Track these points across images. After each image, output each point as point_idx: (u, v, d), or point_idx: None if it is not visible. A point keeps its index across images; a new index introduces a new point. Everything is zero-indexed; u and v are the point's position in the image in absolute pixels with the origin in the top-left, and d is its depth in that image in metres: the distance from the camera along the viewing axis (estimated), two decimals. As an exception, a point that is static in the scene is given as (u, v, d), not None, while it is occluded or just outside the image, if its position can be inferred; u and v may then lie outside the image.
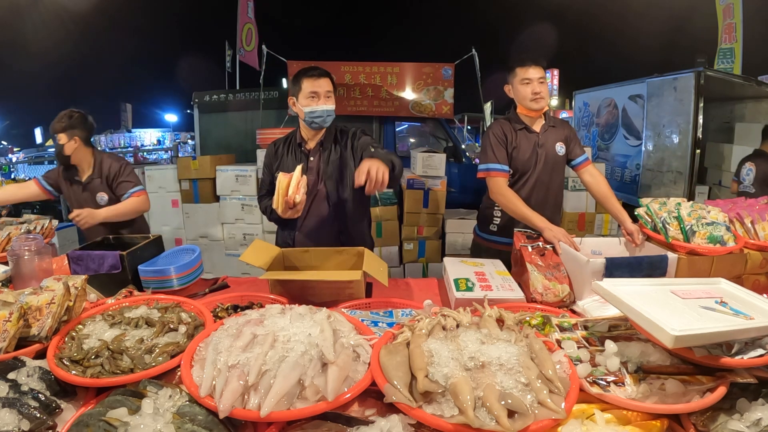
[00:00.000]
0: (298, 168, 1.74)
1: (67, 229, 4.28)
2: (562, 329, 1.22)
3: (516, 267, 1.79)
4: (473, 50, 4.60)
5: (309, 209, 1.99)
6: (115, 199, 2.46)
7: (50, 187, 2.51)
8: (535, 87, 2.04)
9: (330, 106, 1.89)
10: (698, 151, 3.84)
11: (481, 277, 1.69)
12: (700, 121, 3.73)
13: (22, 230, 2.10)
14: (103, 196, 2.44)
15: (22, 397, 0.95)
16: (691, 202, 1.80)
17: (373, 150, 1.90)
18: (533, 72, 2.03)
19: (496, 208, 2.21)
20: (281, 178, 1.71)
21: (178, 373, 1.05)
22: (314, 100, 1.87)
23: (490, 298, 1.47)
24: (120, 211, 2.36)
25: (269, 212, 2.02)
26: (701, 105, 3.70)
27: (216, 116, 5.26)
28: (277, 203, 1.71)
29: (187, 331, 1.22)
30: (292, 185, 1.68)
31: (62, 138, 2.34)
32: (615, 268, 1.51)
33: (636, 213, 1.86)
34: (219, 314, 1.42)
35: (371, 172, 1.52)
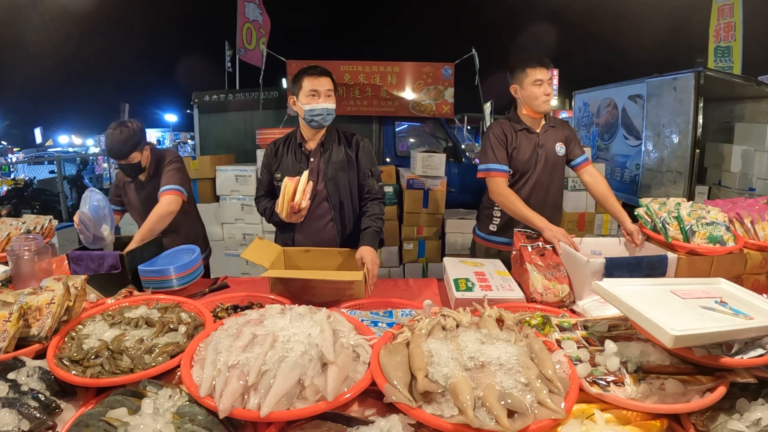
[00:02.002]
0: (305, 174, 1.74)
1: (67, 229, 4.27)
2: (562, 329, 1.22)
3: (516, 267, 1.79)
4: (473, 50, 4.59)
5: (309, 210, 1.99)
6: None
7: (120, 206, 2.42)
8: (546, 88, 2.04)
9: (330, 104, 1.90)
10: (698, 151, 3.83)
11: (481, 277, 1.69)
12: (700, 121, 3.73)
13: (22, 230, 2.10)
14: None
15: (22, 397, 0.95)
16: (690, 202, 1.80)
17: (371, 176, 1.98)
18: (544, 73, 2.04)
19: (495, 208, 2.21)
20: (287, 182, 1.70)
21: (178, 373, 1.05)
22: (314, 98, 1.87)
23: (489, 298, 1.47)
24: (148, 228, 2.04)
25: (268, 214, 2.01)
26: (701, 105, 3.70)
27: (216, 116, 5.25)
28: (282, 208, 1.71)
29: (187, 331, 1.22)
30: (299, 191, 1.68)
31: (137, 156, 2.18)
32: (615, 268, 1.51)
33: (636, 213, 1.86)
34: (219, 314, 1.42)
35: (367, 265, 1.67)
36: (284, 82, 5.60)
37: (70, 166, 9.01)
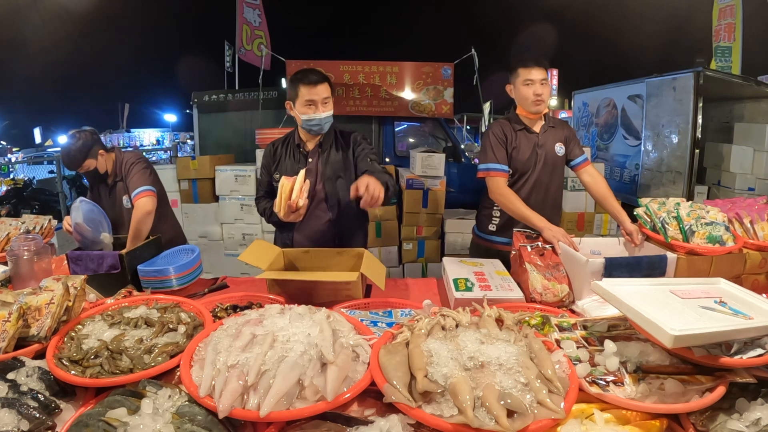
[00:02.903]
0: (302, 172, 1.73)
1: (67, 229, 4.27)
2: (562, 329, 1.22)
3: (515, 267, 1.79)
4: (473, 50, 4.60)
5: (307, 210, 1.99)
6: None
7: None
8: (537, 89, 2.03)
9: (328, 112, 1.89)
10: (697, 151, 3.83)
11: (481, 277, 1.69)
12: (699, 121, 3.73)
13: (21, 230, 2.10)
14: (128, 200, 2.23)
15: (21, 397, 0.95)
16: (690, 202, 1.80)
17: (370, 161, 1.94)
18: (536, 73, 2.03)
19: (495, 208, 2.21)
20: (284, 181, 1.70)
21: (178, 373, 1.05)
22: (311, 108, 1.87)
23: (489, 298, 1.47)
24: (132, 236, 2.03)
25: (268, 214, 2.01)
26: (700, 105, 3.70)
27: (215, 116, 5.25)
28: (279, 207, 1.71)
29: (187, 331, 1.22)
30: (296, 189, 1.67)
31: (92, 164, 2.23)
32: (614, 268, 1.51)
33: (635, 213, 1.86)
34: (218, 314, 1.41)
35: (370, 187, 1.55)
36: (284, 82, 5.60)
37: (69, 166, 8.96)
